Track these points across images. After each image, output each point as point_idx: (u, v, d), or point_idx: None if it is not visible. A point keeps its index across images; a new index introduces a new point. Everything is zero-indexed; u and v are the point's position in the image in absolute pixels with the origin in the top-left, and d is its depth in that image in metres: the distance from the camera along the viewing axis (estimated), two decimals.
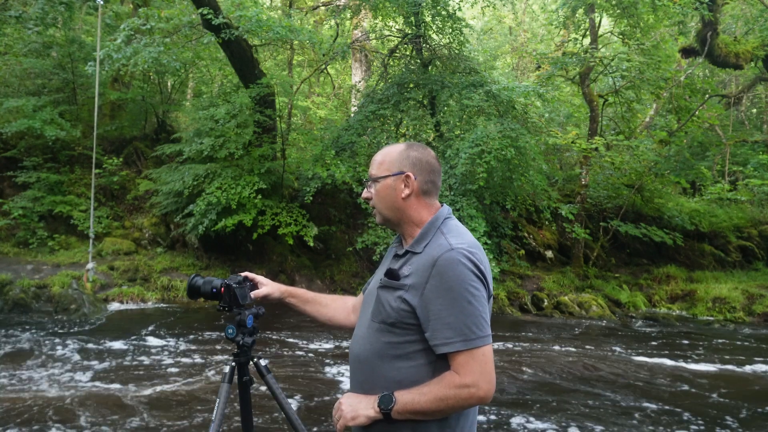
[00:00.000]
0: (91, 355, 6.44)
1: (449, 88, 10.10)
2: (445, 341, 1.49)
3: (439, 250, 1.53)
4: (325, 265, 11.27)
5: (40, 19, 9.34)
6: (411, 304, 1.53)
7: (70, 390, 5.23)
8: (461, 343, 1.48)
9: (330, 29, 16.63)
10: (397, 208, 1.66)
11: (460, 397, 1.48)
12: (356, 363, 1.66)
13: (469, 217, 8.78)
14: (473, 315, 1.49)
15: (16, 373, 5.65)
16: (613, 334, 8.74)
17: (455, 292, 1.48)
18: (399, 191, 1.64)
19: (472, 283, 1.50)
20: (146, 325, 7.96)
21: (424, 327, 1.52)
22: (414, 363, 1.54)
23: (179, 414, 4.74)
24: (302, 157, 12.07)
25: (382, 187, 1.66)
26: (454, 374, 1.49)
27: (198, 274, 2.14)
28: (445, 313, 1.49)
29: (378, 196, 1.68)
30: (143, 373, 5.87)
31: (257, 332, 2.06)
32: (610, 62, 12.48)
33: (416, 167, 1.65)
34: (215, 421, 1.95)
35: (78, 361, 6.19)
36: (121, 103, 13.45)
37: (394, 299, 1.56)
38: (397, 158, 1.66)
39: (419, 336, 1.54)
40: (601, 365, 6.82)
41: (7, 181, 11.45)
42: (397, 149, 1.69)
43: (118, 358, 6.37)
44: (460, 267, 1.49)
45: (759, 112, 20.77)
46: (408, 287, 1.55)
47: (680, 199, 13.89)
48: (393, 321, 1.56)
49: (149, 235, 11.44)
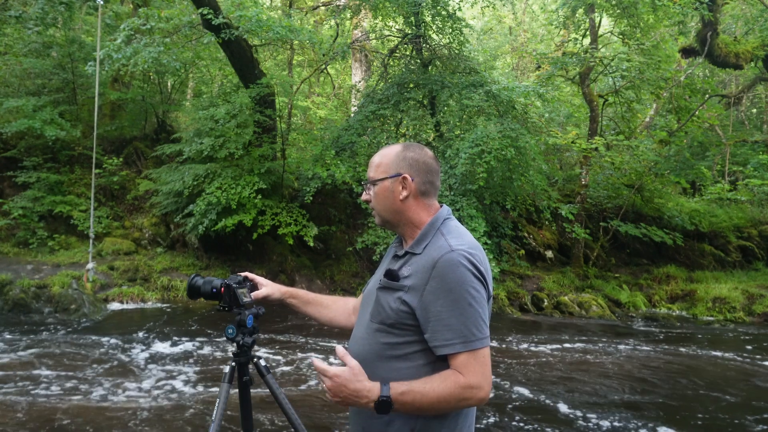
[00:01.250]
0: (90, 354, 6.44)
1: (449, 88, 10.10)
2: (445, 342, 1.49)
3: (439, 252, 1.53)
4: (325, 265, 11.27)
5: (40, 19, 9.33)
6: (410, 305, 1.53)
7: (70, 390, 5.23)
8: (461, 345, 1.48)
9: (330, 29, 16.64)
10: (395, 210, 1.66)
11: (462, 397, 1.48)
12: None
13: (469, 217, 8.78)
14: (473, 317, 1.49)
15: (15, 374, 5.65)
16: (613, 334, 8.73)
17: (456, 294, 1.48)
18: (397, 193, 1.64)
19: (473, 285, 1.50)
20: (146, 325, 7.96)
21: (423, 328, 1.52)
22: (413, 364, 1.54)
23: (179, 414, 4.74)
24: (302, 157, 12.07)
25: (380, 189, 1.66)
26: (456, 373, 1.48)
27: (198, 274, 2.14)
28: (445, 315, 1.48)
29: (376, 199, 1.68)
30: (143, 373, 5.87)
31: (257, 332, 2.06)
32: (610, 62, 12.48)
33: (413, 168, 1.65)
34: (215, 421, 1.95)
35: (78, 361, 6.19)
36: (121, 103, 13.45)
37: (393, 300, 1.56)
38: (393, 160, 1.66)
39: (418, 337, 1.54)
40: (601, 365, 6.82)
41: (7, 181, 11.45)
42: (393, 151, 1.68)
43: (118, 357, 6.37)
44: (460, 269, 1.49)
45: (759, 112, 20.77)
46: (408, 288, 1.54)
47: (680, 199, 13.89)
48: (392, 322, 1.56)
49: (149, 235, 11.44)
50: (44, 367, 5.90)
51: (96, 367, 5.99)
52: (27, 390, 5.18)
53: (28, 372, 5.71)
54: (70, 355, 6.40)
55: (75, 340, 7.05)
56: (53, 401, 4.91)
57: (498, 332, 8.40)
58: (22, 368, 5.82)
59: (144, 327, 7.82)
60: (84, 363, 6.11)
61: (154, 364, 6.16)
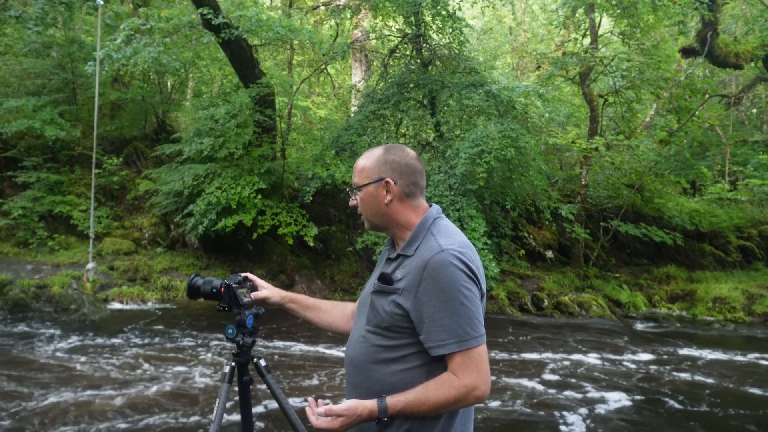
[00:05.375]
0: (90, 355, 6.44)
1: (449, 88, 10.09)
2: (439, 343, 1.49)
3: (430, 253, 1.53)
4: (325, 265, 11.27)
5: (40, 19, 9.33)
6: (404, 307, 1.53)
7: (69, 390, 5.23)
8: (456, 344, 1.48)
9: (330, 29, 16.62)
10: (382, 214, 1.66)
11: (459, 398, 1.49)
12: (351, 366, 1.67)
13: (469, 217, 8.77)
14: (466, 316, 1.49)
15: (13, 374, 5.65)
16: (613, 335, 8.73)
17: (447, 294, 1.48)
18: (381, 198, 1.64)
19: (464, 284, 1.50)
20: (146, 325, 7.96)
21: (418, 330, 1.53)
22: (408, 365, 1.55)
23: (179, 414, 4.73)
24: (302, 157, 12.07)
25: (365, 195, 1.67)
26: (452, 376, 1.49)
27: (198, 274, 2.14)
28: (438, 315, 1.49)
29: (362, 204, 1.69)
30: (143, 373, 5.86)
31: (257, 332, 2.06)
32: (610, 62, 12.47)
33: (395, 171, 1.64)
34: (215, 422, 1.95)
35: (77, 361, 6.19)
36: (121, 103, 13.45)
37: (387, 303, 1.57)
38: (375, 165, 1.66)
39: (413, 339, 1.54)
40: (601, 365, 6.82)
41: (7, 181, 11.45)
42: (375, 155, 1.68)
43: (118, 358, 6.36)
44: (450, 268, 1.49)
45: (759, 112, 20.77)
46: (401, 291, 1.55)
47: (680, 199, 13.88)
48: (387, 325, 1.56)
49: (149, 235, 11.44)
50: (44, 366, 5.90)
51: (96, 367, 5.99)
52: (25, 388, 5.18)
53: (28, 372, 5.71)
54: (70, 355, 6.39)
55: (75, 340, 7.05)
56: (53, 401, 4.91)
57: (498, 332, 8.40)
58: (22, 368, 5.82)
59: (144, 327, 7.82)
60: (84, 363, 6.11)
61: (154, 364, 6.16)
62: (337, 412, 1.49)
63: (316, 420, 1.51)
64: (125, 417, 4.62)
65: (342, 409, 1.50)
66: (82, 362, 6.14)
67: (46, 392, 5.15)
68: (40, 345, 6.77)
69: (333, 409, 1.50)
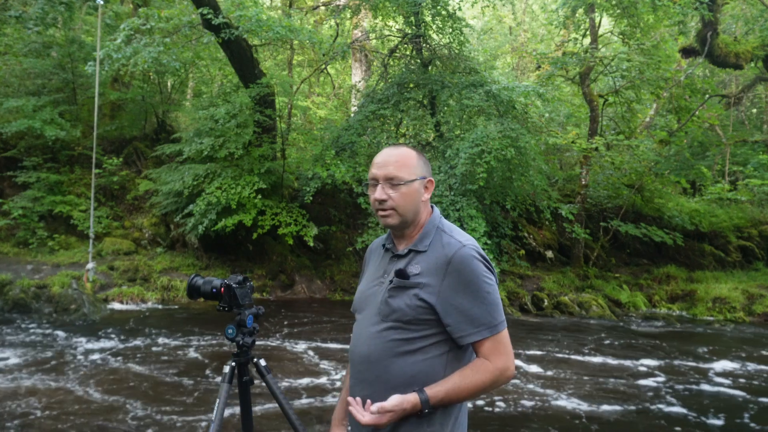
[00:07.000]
0: (90, 355, 6.44)
1: (449, 88, 10.09)
2: (472, 331, 1.61)
3: (451, 249, 1.65)
4: (325, 265, 11.27)
5: (40, 19, 9.33)
6: (428, 301, 1.62)
7: (69, 390, 5.23)
8: (487, 331, 1.61)
9: (330, 29, 16.63)
10: (417, 211, 1.75)
11: (494, 381, 1.61)
12: (365, 363, 1.69)
13: (469, 217, 8.77)
14: (493, 303, 1.63)
15: (12, 375, 5.65)
16: (613, 335, 8.73)
17: (475, 285, 1.62)
18: (421, 195, 1.75)
19: (486, 275, 1.64)
20: (146, 325, 7.96)
21: (444, 321, 1.62)
22: (429, 355, 1.63)
23: (179, 414, 4.73)
24: (302, 157, 12.08)
25: (410, 190, 1.72)
26: (485, 361, 1.62)
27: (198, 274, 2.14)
28: (468, 306, 1.61)
29: (404, 199, 1.72)
30: (143, 373, 5.86)
31: (257, 332, 2.06)
32: (610, 62, 12.47)
33: (430, 172, 1.79)
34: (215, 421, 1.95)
35: (77, 361, 6.19)
36: (121, 103, 13.45)
37: (409, 298, 1.64)
38: (417, 163, 1.75)
39: (434, 330, 1.64)
40: (601, 365, 6.82)
41: (7, 181, 11.45)
42: (412, 153, 1.77)
43: (118, 358, 6.37)
44: (474, 262, 1.63)
45: (759, 112, 20.77)
46: (422, 285, 1.64)
47: (680, 199, 13.88)
48: (409, 318, 1.64)
49: (149, 235, 11.44)
50: (44, 366, 5.90)
51: (96, 367, 5.99)
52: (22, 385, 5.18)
53: (28, 371, 5.71)
54: (67, 354, 6.40)
55: (74, 340, 7.05)
56: (53, 401, 4.91)
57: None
58: (22, 367, 5.82)
59: (144, 327, 7.82)
60: (83, 363, 6.11)
61: (154, 364, 6.16)
62: (387, 409, 1.57)
63: (363, 417, 1.58)
64: (125, 417, 4.62)
65: (392, 405, 1.58)
66: (82, 362, 6.14)
67: (46, 392, 5.15)
68: (40, 345, 6.77)
69: (384, 405, 1.57)
